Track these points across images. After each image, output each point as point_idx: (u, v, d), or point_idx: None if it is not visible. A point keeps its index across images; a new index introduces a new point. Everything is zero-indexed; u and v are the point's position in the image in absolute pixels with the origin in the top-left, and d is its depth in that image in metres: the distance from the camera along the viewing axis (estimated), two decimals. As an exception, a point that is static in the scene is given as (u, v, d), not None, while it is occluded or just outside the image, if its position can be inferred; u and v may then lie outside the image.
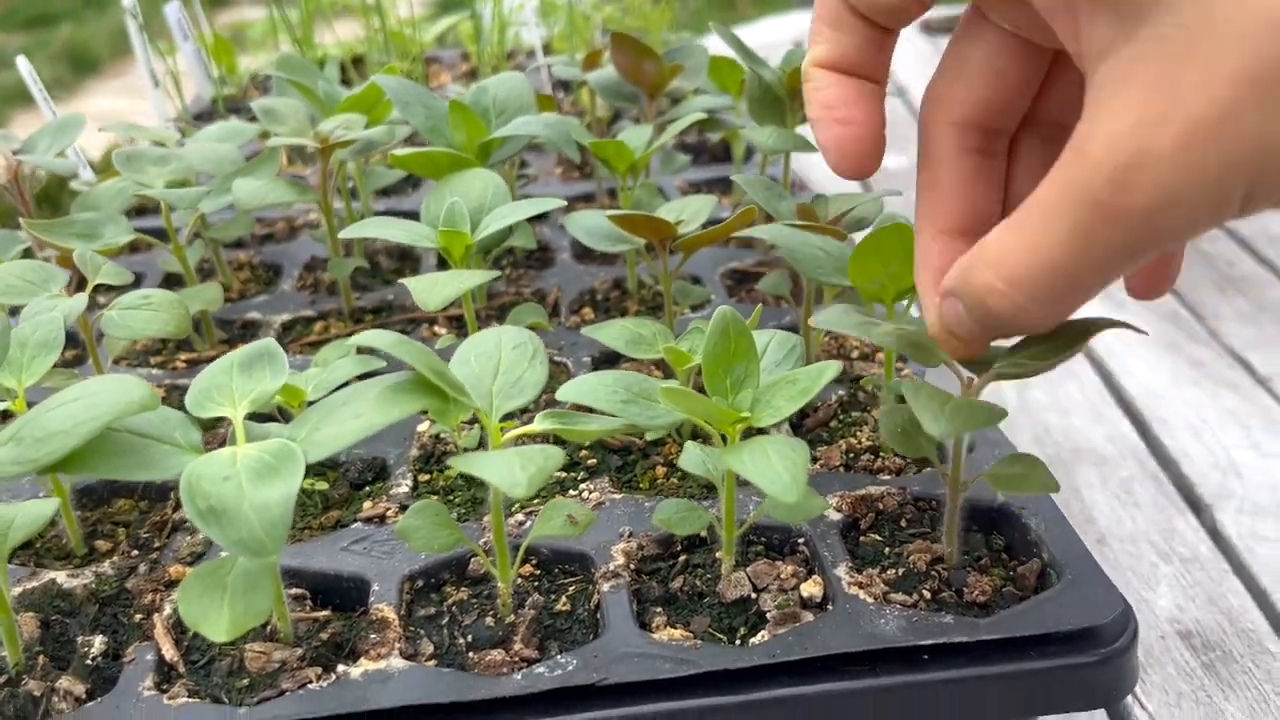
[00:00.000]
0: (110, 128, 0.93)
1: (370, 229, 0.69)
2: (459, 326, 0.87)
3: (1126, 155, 0.36)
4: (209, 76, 1.58)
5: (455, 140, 0.82)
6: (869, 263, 0.60)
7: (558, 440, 0.63)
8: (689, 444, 0.58)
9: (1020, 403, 1.07)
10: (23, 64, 1.06)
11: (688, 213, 0.76)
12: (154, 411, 0.49)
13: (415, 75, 1.38)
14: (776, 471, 0.47)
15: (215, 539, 0.43)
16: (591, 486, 0.65)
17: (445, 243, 0.70)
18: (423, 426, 0.72)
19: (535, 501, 0.65)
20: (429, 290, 0.63)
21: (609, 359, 0.81)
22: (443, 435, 0.71)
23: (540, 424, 0.53)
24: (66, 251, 0.77)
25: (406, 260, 1.00)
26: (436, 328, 0.86)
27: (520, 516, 0.63)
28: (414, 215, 1.09)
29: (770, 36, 2.49)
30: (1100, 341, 1.19)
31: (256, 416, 0.54)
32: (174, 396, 0.79)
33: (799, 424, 0.72)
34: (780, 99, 0.84)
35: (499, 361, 0.56)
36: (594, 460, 0.69)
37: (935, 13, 2.70)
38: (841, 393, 0.74)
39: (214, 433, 0.71)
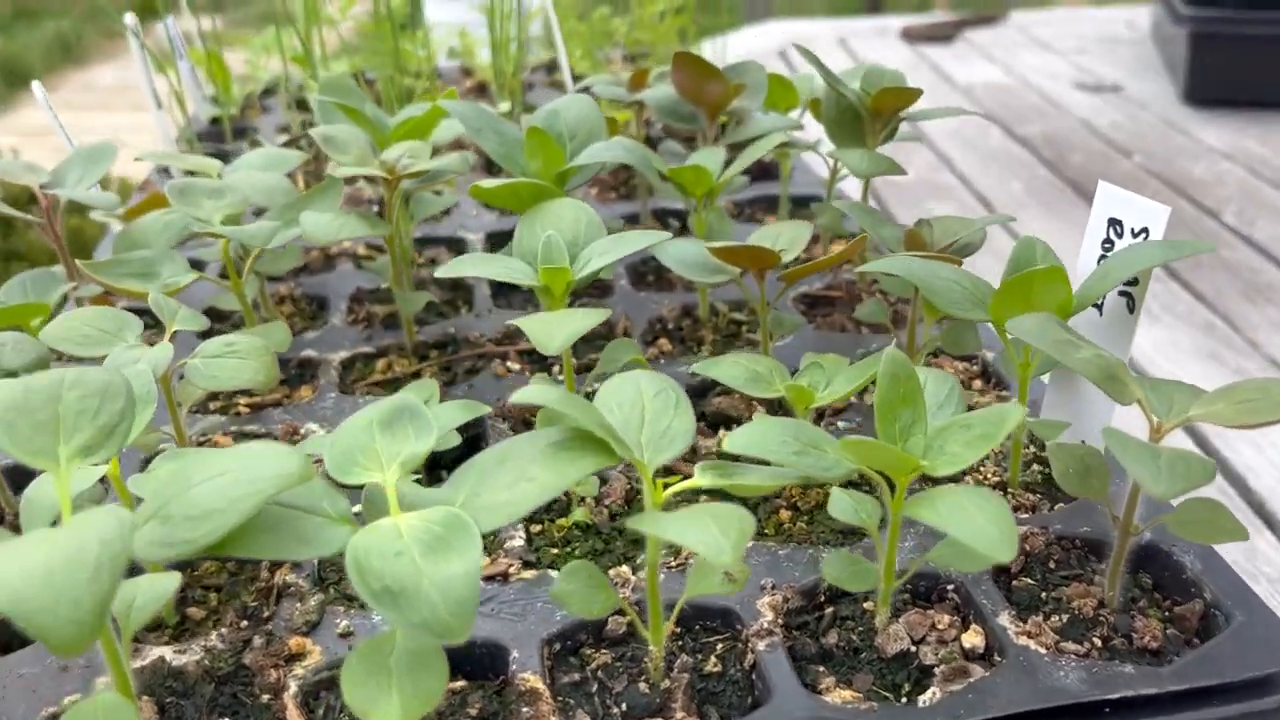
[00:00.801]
0: (148, 156, 0.88)
1: (469, 266, 0.66)
2: (531, 361, 0.83)
3: None
4: (205, 96, 1.52)
5: (530, 168, 0.78)
6: (1015, 300, 0.58)
7: (724, 495, 0.60)
8: (837, 491, 0.55)
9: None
10: (38, 90, 1.01)
11: (784, 241, 0.73)
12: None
13: (431, 97, 1.34)
14: (980, 525, 0.44)
15: (393, 620, 0.40)
16: (718, 534, 0.62)
17: (547, 280, 0.66)
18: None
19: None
20: (546, 333, 0.60)
21: (698, 392, 0.78)
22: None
23: (703, 478, 0.50)
24: (123, 293, 0.73)
25: (459, 290, 0.96)
26: (509, 363, 0.82)
27: (630, 569, 0.60)
28: (451, 241, 1.06)
29: (754, 44, 2.47)
30: (1141, 353, 1.18)
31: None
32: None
33: (914, 459, 0.69)
34: (861, 120, 0.82)
35: (643, 410, 0.53)
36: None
37: (915, 21, 2.71)
38: (951, 424, 0.72)
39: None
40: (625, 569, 0.60)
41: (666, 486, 0.50)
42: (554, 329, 0.60)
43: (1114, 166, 1.74)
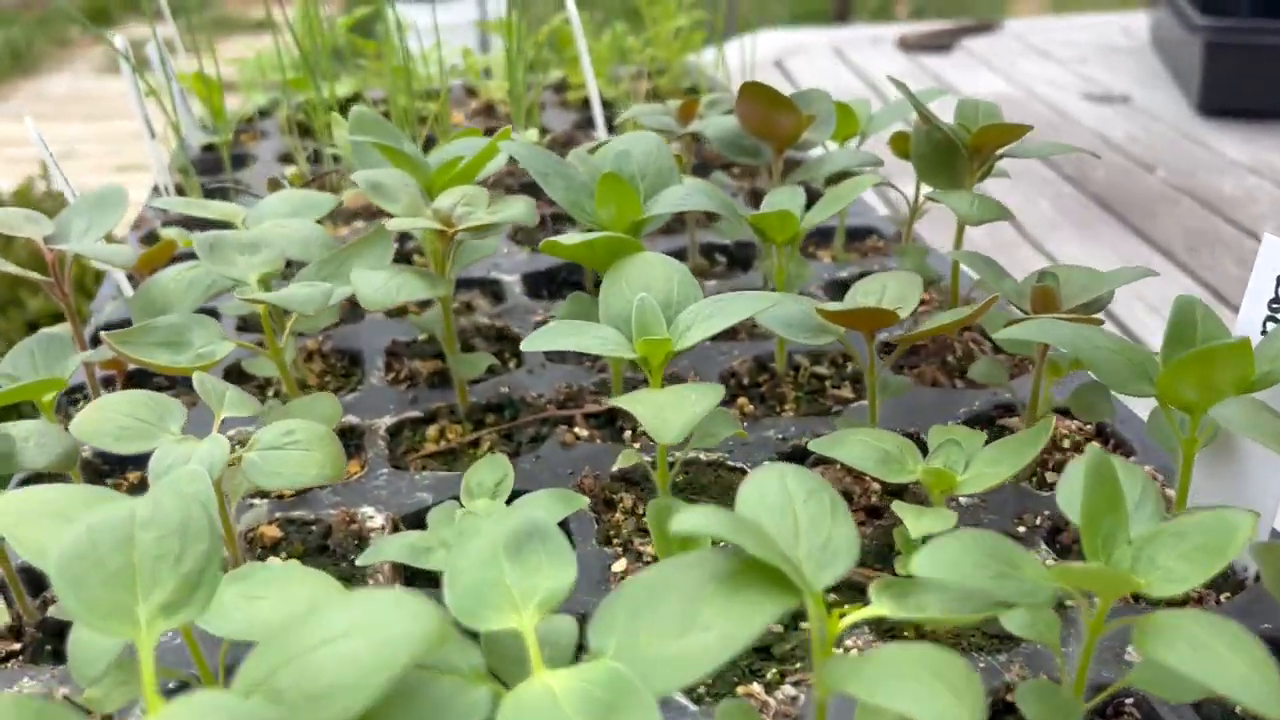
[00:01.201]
0: (161, 203, 0.80)
1: (557, 338, 0.58)
2: (599, 425, 0.76)
3: None
4: (195, 120, 1.43)
5: (600, 217, 0.70)
6: (1191, 376, 0.51)
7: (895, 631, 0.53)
8: (1015, 613, 0.48)
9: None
10: (31, 127, 0.92)
11: (892, 296, 0.66)
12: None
13: (441, 118, 1.26)
14: (1241, 673, 0.38)
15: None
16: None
17: (645, 352, 0.59)
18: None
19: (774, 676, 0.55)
20: (661, 420, 0.52)
21: (788, 460, 0.71)
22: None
23: (882, 605, 0.43)
24: (153, 367, 0.64)
25: (505, 342, 0.88)
26: (576, 429, 0.74)
27: (762, 686, 0.53)
28: (485, 283, 0.98)
29: (747, 56, 2.40)
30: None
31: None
32: (292, 534, 0.66)
33: (1052, 540, 0.63)
34: (955, 156, 0.75)
35: (795, 518, 0.46)
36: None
37: (911, 30, 2.66)
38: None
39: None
40: (756, 687, 0.53)
41: (841, 615, 0.43)
42: (669, 414, 0.53)
43: (1139, 183, 1.70)
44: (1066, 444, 0.72)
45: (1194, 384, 0.51)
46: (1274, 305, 0.55)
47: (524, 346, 0.57)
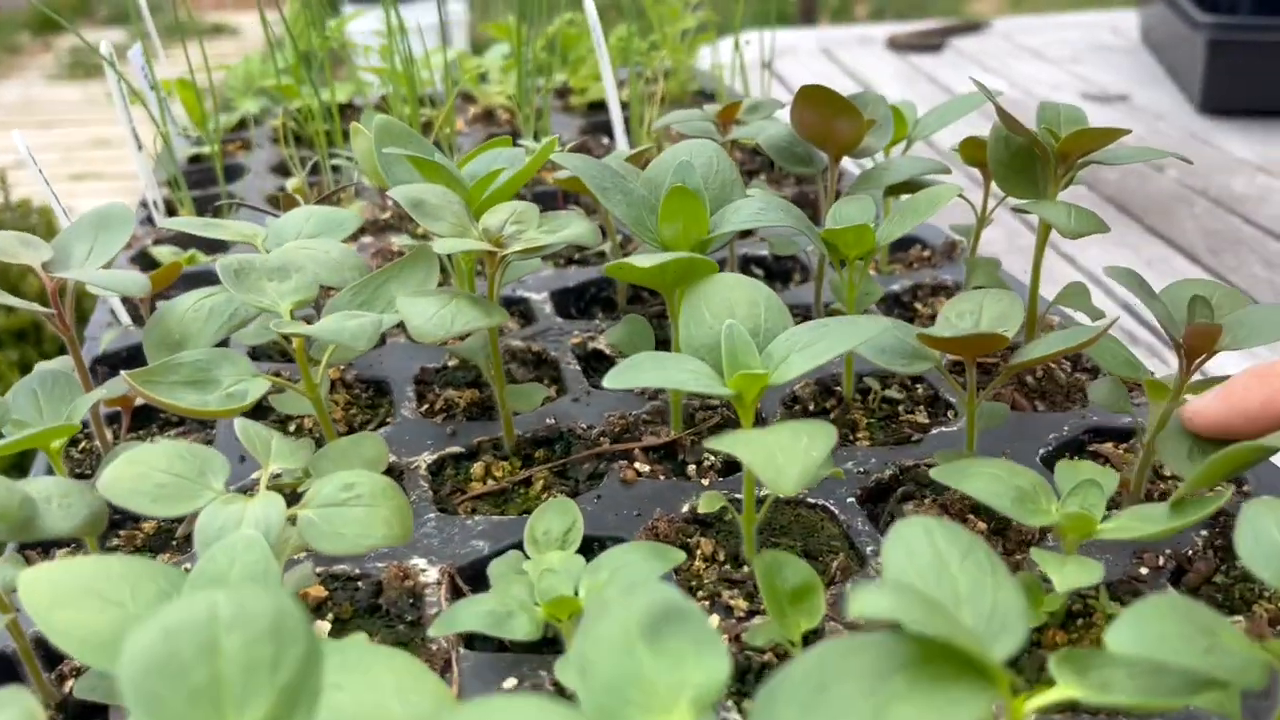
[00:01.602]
0: (172, 223, 0.72)
1: (646, 374, 0.52)
2: (658, 460, 0.70)
3: None
4: (178, 130, 1.35)
5: (664, 235, 0.65)
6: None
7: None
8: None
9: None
10: (19, 139, 0.84)
11: (990, 317, 0.61)
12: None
13: (448, 131, 1.19)
14: None
15: None
16: None
17: (739, 388, 0.53)
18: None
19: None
20: (775, 469, 0.46)
21: (874, 495, 0.65)
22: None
23: (1071, 686, 0.37)
24: (179, 411, 0.58)
25: (543, 367, 0.82)
26: (636, 464, 0.68)
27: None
28: (512, 302, 0.92)
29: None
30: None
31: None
32: (338, 592, 0.60)
33: (1176, 581, 0.58)
34: (1035, 163, 0.70)
35: (954, 581, 0.40)
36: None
37: (901, 29, 2.62)
38: (1205, 533, 0.60)
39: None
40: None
41: (1027, 698, 0.37)
42: (782, 459, 0.47)
43: (1152, 183, 1.66)
44: (1168, 471, 0.67)
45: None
46: None
47: (608, 383, 0.51)
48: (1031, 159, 0.70)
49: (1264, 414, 0.52)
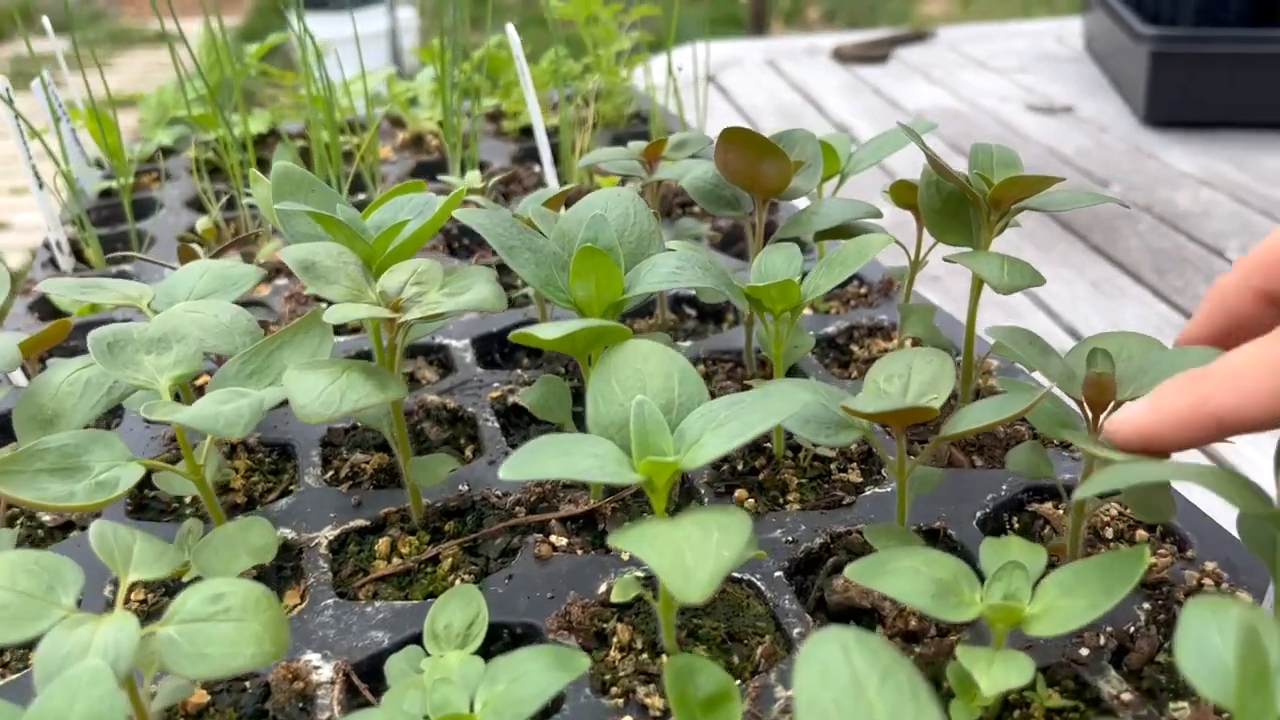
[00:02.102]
0: (50, 287, 0.67)
1: (538, 462, 0.48)
2: (577, 532, 0.66)
3: None
4: (89, 161, 1.29)
5: (576, 295, 0.60)
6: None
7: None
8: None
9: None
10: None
11: (919, 382, 0.57)
12: None
13: (370, 154, 1.15)
14: None
15: None
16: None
17: (649, 474, 0.49)
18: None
19: None
20: (683, 574, 0.42)
21: (806, 566, 0.62)
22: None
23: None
24: (39, 508, 0.52)
25: (460, 425, 0.77)
26: (552, 537, 0.64)
27: None
28: (430, 350, 0.87)
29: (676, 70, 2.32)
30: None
31: None
32: (221, 698, 0.55)
33: (1118, 662, 0.54)
34: (967, 209, 0.67)
35: (871, 710, 0.37)
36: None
37: (847, 40, 2.60)
38: (1147, 605, 0.57)
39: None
40: None
41: None
42: (690, 559, 0.43)
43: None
44: (1109, 532, 0.64)
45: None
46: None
47: (504, 474, 0.46)
48: (964, 204, 0.67)
49: (1194, 417, 0.48)
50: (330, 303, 0.57)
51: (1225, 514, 0.56)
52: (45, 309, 1.00)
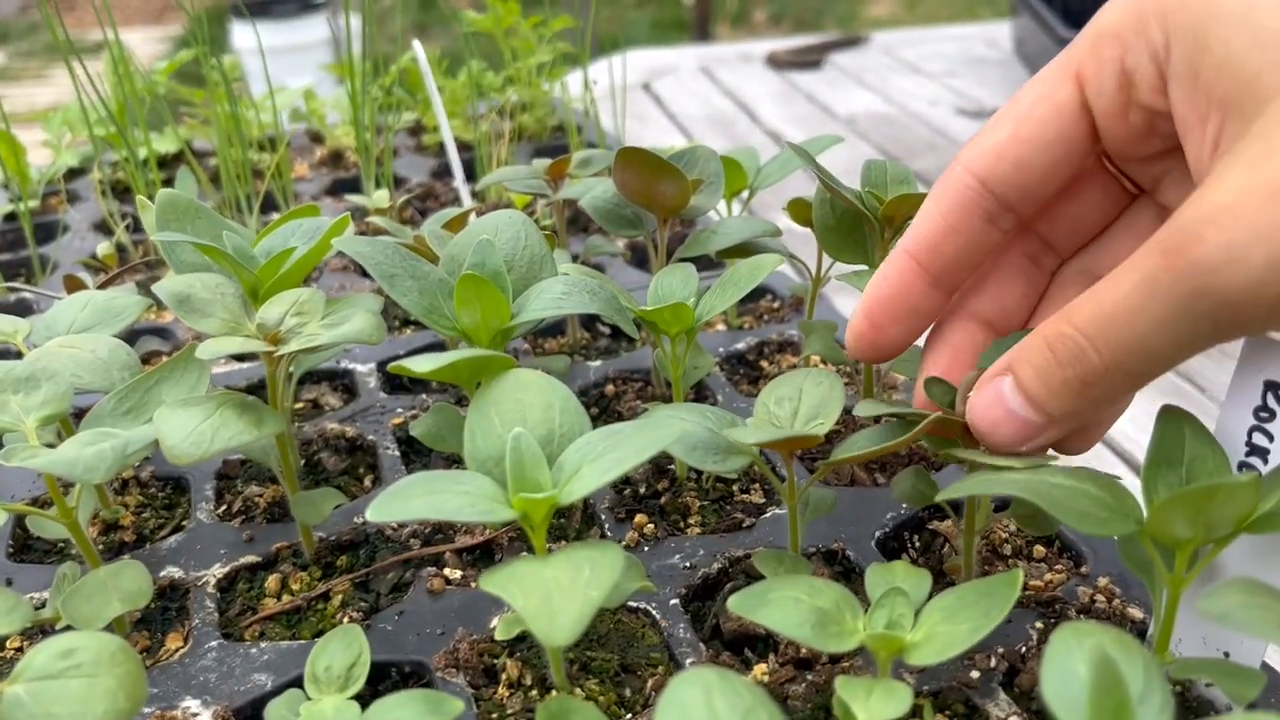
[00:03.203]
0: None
1: (406, 503, 0.46)
2: (472, 563, 0.64)
3: (1205, 212, 0.40)
4: (-5, 183, 1.25)
5: (462, 322, 0.59)
6: (1185, 512, 0.43)
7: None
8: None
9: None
10: None
11: (809, 405, 0.57)
12: None
13: (282, 173, 1.13)
14: None
15: None
16: None
17: (524, 509, 0.48)
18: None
19: None
20: (548, 616, 0.41)
21: (700, 593, 0.61)
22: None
23: None
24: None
25: (359, 453, 0.76)
26: (446, 570, 0.63)
27: None
28: (334, 375, 0.85)
29: (613, 77, 2.31)
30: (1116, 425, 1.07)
31: None
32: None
33: (1009, 683, 0.54)
34: (862, 226, 0.66)
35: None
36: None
37: (781, 45, 2.60)
38: (1039, 624, 0.57)
39: None
40: None
41: None
42: (559, 602, 0.42)
43: (1022, 203, 1.66)
44: (1008, 549, 0.63)
45: (1187, 521, 0.43)
46: (1262, 414, 0.47)
47: (370, 516, 0.45)
48: (858, 222, 0.66)
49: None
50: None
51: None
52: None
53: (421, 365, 0.53)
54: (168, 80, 1.25)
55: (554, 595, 0.42)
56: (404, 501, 0.46)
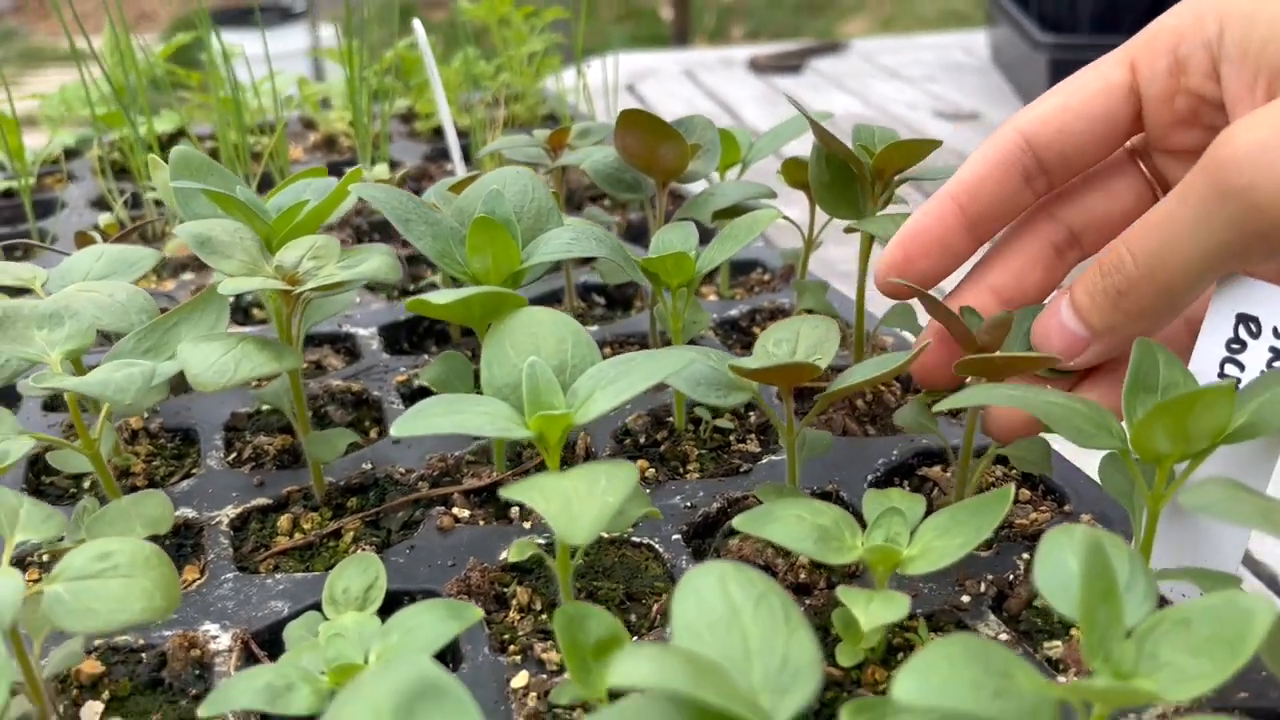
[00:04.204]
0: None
1: (430, 419, 0.48)
2: (480, 504, 0.66)
3: (1242, 122, 0.44)
4: (-9, 163, 1.27)
5: (473, 268, 0.62)
6: (1165, 425, 0.46)
7: None
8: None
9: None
10: None
11: (806, 346, 0.59)
12: None
13: (279, 155, 1.14)
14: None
15: None
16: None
17: (540, 429, 0.50)
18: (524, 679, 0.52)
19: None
20: (569, 517, 0.43)
21: (701, 530, 0.63)
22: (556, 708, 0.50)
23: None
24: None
25: (364, 408, 0.78)
26: (455, 510, 0.65)
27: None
28: (337, 339, 0.87)
29: (597, 78, 2.34)
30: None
31: None
32: (116, 667, 0.54)
33: (998, 607, 0.57)
34: (855, 182, 0.69)
35: (744, 635, 0.38)
36: None
37: (763, 51, 2.64)
38: (1026, 555, 0.59)
39: None
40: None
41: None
42: (577, 506, 0.44)
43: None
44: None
45: (1168, 435, 0.46)
46: (1233, 346, 0.50)
47: (395, 432, 0.47)
48: (851, 179, 0.69)
49: (940, 230, 0.56)
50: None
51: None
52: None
53: (440, 298, 0.55)
54: (165, 63, 1.26)
55: (573, 500, 0.45)
56: (427, 418, 0.49)
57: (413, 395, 0.78)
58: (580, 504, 0.44)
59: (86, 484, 0.70)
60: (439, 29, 1.29)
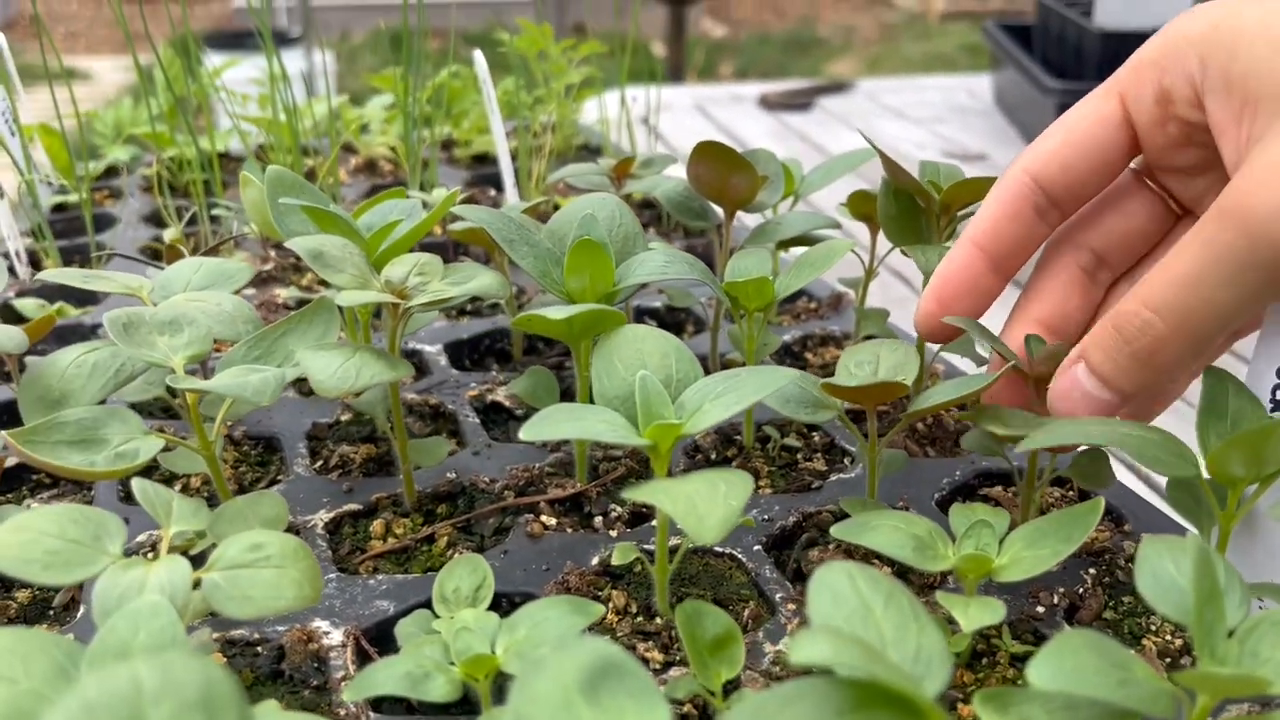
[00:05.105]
0: (52, 275, 0.69)
1: (555, 425, 0.52)
2: (564, 512, 0.69)
3: (1257, 173, 0.48)
4: (41, 178, 1.29)
5: (570, 287, 0.65)
6: (1242, 453, 0.49)
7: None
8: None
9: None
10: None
11: (888, 367, 0.63)
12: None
13: (331, 181, 1.18)
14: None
15: None
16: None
17: (655, 438, 0.53)
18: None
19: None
20: (696, 517, 0.46)
21: (779, 542, 0.66)
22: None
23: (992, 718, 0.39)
24: (62, 471, 0.55)
25: (441, 420, 0.81)
26: (542, 518, 0.68)
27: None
28: (406, 356, 0.90)
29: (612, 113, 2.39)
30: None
31: None
32: (237, 659, 0.57)
33: (1070, 618, 0.60)
34: (922, 215, 0.73)
35: (878, 626, 0.41)
36: None
37: (773, 88, 2.70)
38: (1093, 570, 0.63)
39: None
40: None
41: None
42: (703, 508, 0.47)
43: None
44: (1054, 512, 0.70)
45: (1243, 461, 0.50)
46: (1295, 374, 0.54)
47: (524, 435, 0.50)
48: (917, 211, 0.73)
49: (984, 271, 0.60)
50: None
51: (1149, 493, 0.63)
52: (7, 316, 1.00)
53: (553, 314, 0.58)
54: (219, 84, 1.30)
55: (698, 503, 0.48)
56: (554, 424, 0.52)
57: (485, 410, 0.81)
58: (705, 505, 0.47)
59: (177, 487, 0.73)
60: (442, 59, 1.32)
